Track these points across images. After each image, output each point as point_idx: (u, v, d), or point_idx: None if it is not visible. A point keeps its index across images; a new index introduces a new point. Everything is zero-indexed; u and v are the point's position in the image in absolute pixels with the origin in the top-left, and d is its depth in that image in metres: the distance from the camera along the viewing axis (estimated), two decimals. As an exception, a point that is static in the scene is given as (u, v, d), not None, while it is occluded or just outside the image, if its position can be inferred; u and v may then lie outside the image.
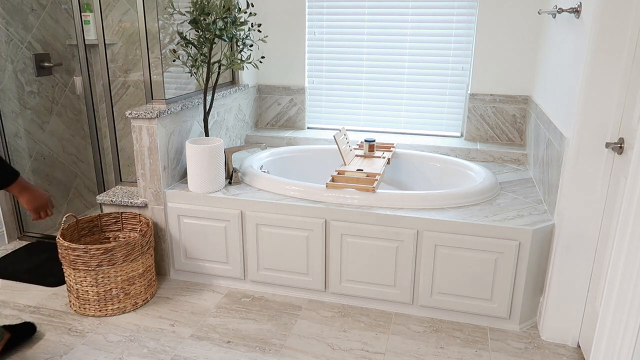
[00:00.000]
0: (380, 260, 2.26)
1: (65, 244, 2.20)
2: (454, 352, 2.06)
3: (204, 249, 2.51)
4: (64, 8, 3.09)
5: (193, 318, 2.29)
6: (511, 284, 2.13)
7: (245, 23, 2.48)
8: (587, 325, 1.99)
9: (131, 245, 2.25)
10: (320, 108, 3.45)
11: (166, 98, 2.49)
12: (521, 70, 2.97)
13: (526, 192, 2.46)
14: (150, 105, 2.47)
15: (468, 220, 2.11)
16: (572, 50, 2.06)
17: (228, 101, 3.03)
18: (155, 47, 2.48)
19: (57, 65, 3.12)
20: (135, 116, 2.36)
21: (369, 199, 2.29)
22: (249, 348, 2.08)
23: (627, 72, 1.74)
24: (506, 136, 3.09)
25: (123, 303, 2.31)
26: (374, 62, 3.25)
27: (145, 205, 2.52)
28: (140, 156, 2.44)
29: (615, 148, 1.79)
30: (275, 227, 2.36)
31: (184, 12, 2.48)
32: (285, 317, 2.30)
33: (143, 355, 2.03)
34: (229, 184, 2.56)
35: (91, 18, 2.92)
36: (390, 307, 2.34)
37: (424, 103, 3.24)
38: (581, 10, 1.95)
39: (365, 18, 3.18)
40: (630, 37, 1.71)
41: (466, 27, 3.04)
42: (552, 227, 2.09)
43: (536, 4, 2.83)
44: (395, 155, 2.98)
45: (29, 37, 2.93)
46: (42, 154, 3.09)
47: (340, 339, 2.14)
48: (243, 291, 2.51)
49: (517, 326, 2.20)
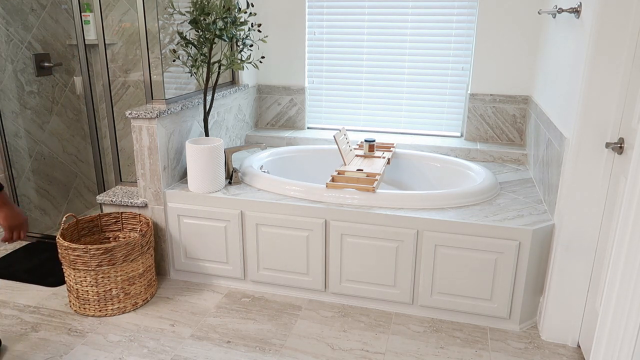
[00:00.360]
0: (380, 260, 2.26)
1: (65, 244, 2.20)
2: (454, 352, 2.06)
3: (204, 249, 2.51)
4: (64, 8, 3.10)
5: (193, 318, 2.29)
6: (511, 284, 2.13)
7: (245, 23, 2.49)
8: (587, 325, 1.99)
9: (131, 245, 2.25)
10: (320, 108, 3.45)
11: (166, 98, 2.49)
12: (521, 70, 2.97)
13: (526, 192, 2.46)
14: (150, 105, 2.47)
15: (468, 220, 2.12)
16: (572, 50, 2.06)
17: (228, 101, 3.03)
18: (155, 47, 2.48)
19: (57, 65, 3.12)
20: (135, 116, 2.36)
21: (369, 199, 2.29)
22: (249, 348, 2.08)
23: (627, 72, 1.74)
24: (506, 136, 3.09)
25: (123, 303, 2.31)
26: (374, 62, 3.25)
27: (145, 205, 2.52)
28: (140, 156, 2.44)
29: (615, 148, 1.79)
30: (275, 227, 2.36)
31: (184, 12, 2.48)
32: (285, 317, 2.30)
33: (143, 355, 2.04)
34: (229, 184, 2.56)
35: (91, 18, 2.92)
36: (390, 307, 2.34)
37: (424, 103, 3.24)
38: (581, 10, 1.95)
39: (365, 18, 3.18)
40: (630, 37, 1.71)
41: (466, 27, 3.04)
42: (552, 227, 2.09)
43: (536, 4, 2.83)
44: (395, 155, 2.98)
45: (29, 37, 2.93)
46: (42, 154, 3.09)
47: (340, 339, 2.14)
48: (243, 291, 2.51)
49: (517, 326, 2.20)
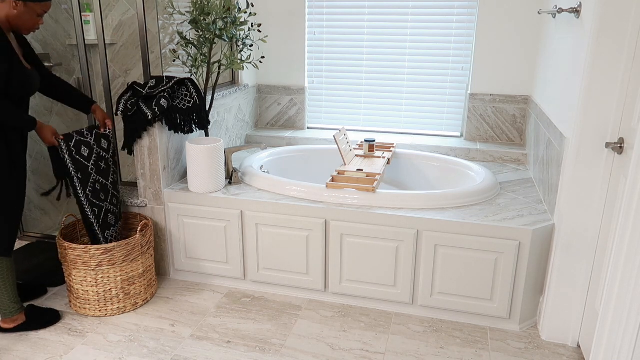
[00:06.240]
0: (380, 260, 2.26)
1: (65, 244, 2.20)
2: (454, 352, 2.06)
3: (204, 249, 2.51)
4: (64, 8, 3.09)
5: (193, 318, 2.29)
6: (511, 284, 2.13)
7: (245, 23, 2.48)
8: (587, 325, 1.99)
9: (131, 245, 2.25)
10: (320, 108, 3.45)
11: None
12: (521, 70, 2.97)
13: (526, 192, 2.46)
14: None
15: (468, 220, 2.12)
16: (572, 50, 2.06)
17: (228, 101, 3.03)
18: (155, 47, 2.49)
19: (57, 65, 3.11)
20: (135, 116, 2.35)
21: (369, 199, 2.29)
22: (249, 348, 2.08)
23: (627, 72, 1.74)
24: (506, 136, 3.09)
25: (123, 303, 2.31)
26: (374, 62, 3.25)
27: (145, 205, 2.52)
28: (140, 156, 2.44)
29: (615, 148, 1.79)
30: (275, 227, 2.36)
31: (184, 12, 2.48)
32: (285, 317, 2.30)
33: (143, 355, 2.04)
34: (229, 184, 2.56)
35: (91, 18, 2.92)
36: (390, 307, 2.34)
37: (424, 103, 3.24)
38: (581, 10, 1.95)
39: (365, 18, 3.18)
40: (630, 37, 1.71)
41: (466, 27, 3.04)
42: (552, 227, 2.09)
43: (536, 4, 2.83)
44: (395, 155, 2.98)
45: (29, 37, 2.93)
46: (42, 154, 3.08)
47: (340, 339, 2.14)
48: (243, 291, 2.51)
49: (517, 326, 2.20)
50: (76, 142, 2.19)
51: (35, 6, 1.93)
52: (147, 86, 2.34)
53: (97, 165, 2.27)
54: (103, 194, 2.29)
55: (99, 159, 2.27)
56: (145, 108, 2.29)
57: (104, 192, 2.29)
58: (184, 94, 2.41)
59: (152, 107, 2.29)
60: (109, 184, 2.32)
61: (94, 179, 2.25)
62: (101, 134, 2.30)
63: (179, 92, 2.41)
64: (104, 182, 2.29)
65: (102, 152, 2.29)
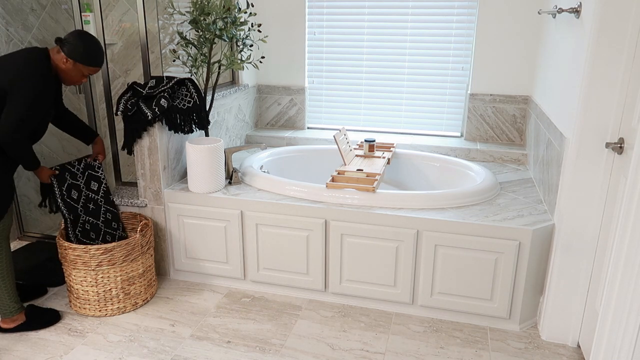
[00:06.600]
0: (380, 260, 2.26)
1: (65, 244, 2.20)
2: (454, 352, 2.06)
3: (204, 249, 2.51)
4: (64, 8, 3.09)
5: (193, 318, 2.29)
6: (511, 284, 2.13)
7: (245, 23, 2.48)
8: (587, 325, 1.99)
9: (131, 245, 2.25)
10: (320, 108, 3.45)
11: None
12: (521, 70, 2.97)
13: (526, 192, 2.46)
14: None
15: (468, 220, 2.12)
16: (572, 50, 2.06)
17: (228, 101, 3.03)
18: (155, 47, 2.49)
19: (57, 65, 3.11)
20: (135, 116, 2.35)
21: (369, 199, 2.29)
22: (249, 348, 2.08)
23: (627, 72, 1.74)
24: (506, 136, 3.09)
25: (123, 303, 2.31)
26: (374, 62, 3.25)
27: (145, 205, 2.52)
28: (140, 156, 2.44)
29: (615, 148, 1.79)
30: (275, 227, 2.36)
31: (184, 12, 2.48)
32: (285, 317, 2.30)
33: (143, 355, 2.04)
34: (229, 184, 2.56)
35: (91, 18, 2.92)
36: (390, 307, 2.34)
37: (424, 103, 3.24)
38: (581, 10, 1.95)
39: (365, 18, 3.18)
40: (630, 37, 1.71)
41: (466, 27, 3.04)
42: (552, 227, 2.09)
43: (536, 4, 2.83)
44: (395, 155, 2.98)
45: (29, 37, 2.93)
46: (42, 154, 3.08)
47: (340, 339, 2.14)
48: (243, 291, 2.51)
49: (517, 326, 2.20)
50: (68, 185, 2.27)
51: (83, 68, 2.06)
52: (147, 86, 2.35)
53: (85, 207, 2.33)
54: (94, 233, 2.35)
55: (88, 200, 2.34)
56: (145, 108, 2.30)
57: (94, 232, 2.35)
58: (184, 94, 2.42)
59: (152, 107, 2.29)
60: (100, 222, 2.36)
61: (83, 219, 2.32)
62: (92, 174, 2.35)
63: (179, 92, 2.41)
64: (94, 222, 2.35)
65: (91, 194, 2.36)
